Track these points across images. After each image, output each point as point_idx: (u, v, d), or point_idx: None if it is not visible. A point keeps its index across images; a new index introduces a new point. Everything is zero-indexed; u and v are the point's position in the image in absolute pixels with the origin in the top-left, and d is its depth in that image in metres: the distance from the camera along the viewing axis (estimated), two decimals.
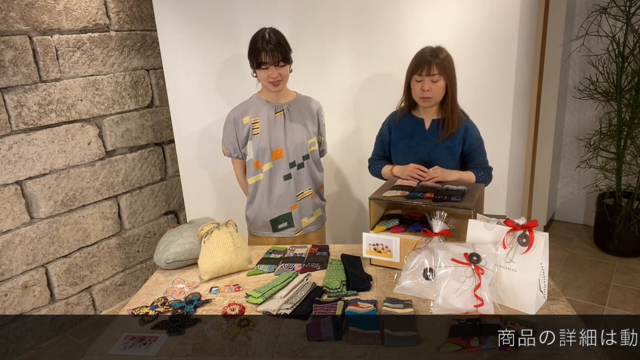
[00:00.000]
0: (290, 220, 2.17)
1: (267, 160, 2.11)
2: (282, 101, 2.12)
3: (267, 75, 1.99)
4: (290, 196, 2.15)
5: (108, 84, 3.00)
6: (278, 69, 1.98)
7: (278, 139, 2.09)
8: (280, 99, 2.11)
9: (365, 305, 1.46)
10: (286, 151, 2.10)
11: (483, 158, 2.04)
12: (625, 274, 3.36)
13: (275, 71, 1.98)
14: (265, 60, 1.95)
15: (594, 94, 3.57)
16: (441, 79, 1.90)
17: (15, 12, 2.52)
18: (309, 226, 2.21)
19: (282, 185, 2.13)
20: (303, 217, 2.19)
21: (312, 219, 2.22)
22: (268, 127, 2.08)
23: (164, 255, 1.84)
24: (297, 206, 2.17)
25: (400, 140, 2.07)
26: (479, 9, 2.34)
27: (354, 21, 2.60)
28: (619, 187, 3.59)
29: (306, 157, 2.14)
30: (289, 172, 2.12)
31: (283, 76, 2.01)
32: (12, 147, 2.59)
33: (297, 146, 2.11)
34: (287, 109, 2.11)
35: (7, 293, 2.66)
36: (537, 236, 1.40)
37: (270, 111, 2.10)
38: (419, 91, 1.92)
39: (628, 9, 3.23)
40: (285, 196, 2.14)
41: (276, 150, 2.09)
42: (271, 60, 1.95)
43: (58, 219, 2.84)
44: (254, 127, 2.09)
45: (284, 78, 2.03)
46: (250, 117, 2.10)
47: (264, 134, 2.08)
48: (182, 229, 1.95)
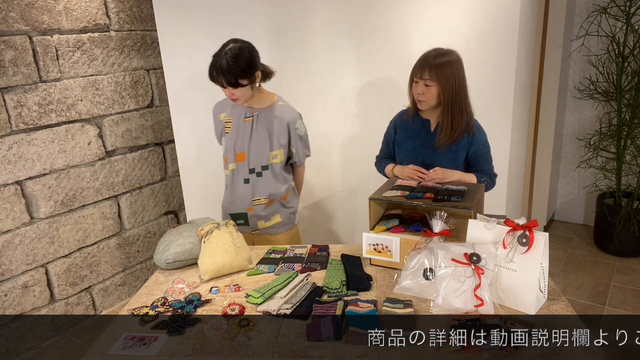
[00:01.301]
0: (246, 219, 2.21)
1: (231, 160, 2.16)
2: (256, 106, 2.11)
3: (225, 91, 2.01)
4: (247, 199, 2.18)
5: (108, 84, 3.00)
6: (230, 89, 1.98)
7: (243, 143, 2.12)
8: (255, 103, 2.11)
9: (365, 305, 1.46)
10: (248, 157, 2.13)
11: (488, 164, 2.01)
12: (625, 274, 3.36)
13: (228, 91, 1.99)
14: (217, 82, 1.98)
15: (594, 94, 3.58)
16: (434, 85, 1.84)
17: (15, 12, 2.52)
18: (266, 228, 2.23)
19: (242, 187, 2.18)
20: (259, 220, 2.21)
21: (270, 222, 2.23)
22: (237, 129, 2.12)
23: (164, 255, 1.84)
24: (252, 209, 2.20)
25: (406, 140, 2.06)
26: (479, 9, 2.33)
27: (356, 23, 2.60)
28: (619, 187, 3.59)
29: (265, 167, 2.14)
30: (249, 177, 2.16)
31: (238, 96, 2.00)
32: (12, 147, 2.59)
33: (258, 155, 2.12)
34: (257, 115, 2.11)
35: (7, 293, 2.66)
36: (537, 236, 1.40)
37: (242, 114, 2.12)
38: (415, 93, 1.92)
39: (628, 9, 3.23)
40: (243, 197, 2.18)
41: (239, 154, 2.14)
42: (220, 84, 1.97)
43: (58, 219, 2.84)
44: (227, 125, 2.14)
45: (240, 97, 2.01)
46: (226, 114, 2.14)
47: (232, 135, 2.13)
48: (182, 229, 1.95)
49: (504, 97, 2.41)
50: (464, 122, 1.92)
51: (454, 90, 1.86)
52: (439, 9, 2.41)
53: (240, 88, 1.98)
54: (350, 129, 2.80)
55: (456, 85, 1.86)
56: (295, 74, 2.77)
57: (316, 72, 2.74)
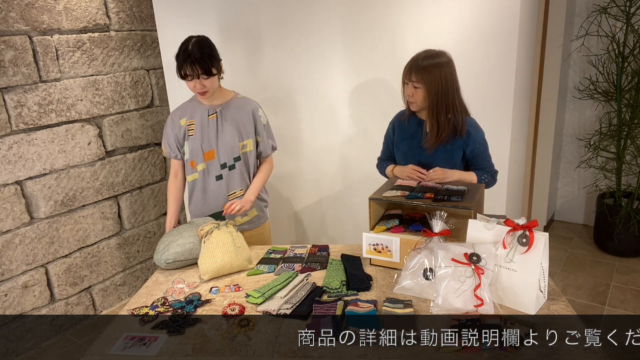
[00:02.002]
0: (222, 218, 2.20)
1: (200, 161, 2.16)
2: (216, 103, 2.15)
3: (192, 86, 2.02)
4: (222, 196, 2.19)
5: (108, 84, 3.00)
6: (202, 80, 2.00)
7: (210, 141, 2.13)
8: (215, 100, 2.14)
9: (365, 305, 1.46)
10: (217, 152, 2.14)
11: (487, 162, 2.01)
12: (625, 274, 3.36)
13: (199, 83, 2.00)
14: (187, 72, 1.98)
15: (594, 94, 3.58)
16: (421, 87, 1.86)
17: (15, 12, 2.52)
18: (243, 224, 2.24)
19: (215, 185, 2.18)
20: (236, 217, 2.21)
21: (246, 218, 2.24)
22: (202, 128, 2.13)
23: (164, 255, 1.84)
24: None
25: (403, 140, 2.07)
26: (479, 9, 2.34)
27: (353, 23, 2.60)
28: (619, 187, 3.59)
29: (237, 158, 2.16)
30: (221, 172, 2.17)
31: (208, 87, 2.03)
32: (12, 147, 2.59)
33: (228, 148, 2.14)
34: (220, 111, 2.13)
35: (7, 293, 2.66)
36: (537, 236, 1.40)
37: (204, 113, 2.14)
38: (405, 95, 1.94)
39: (628, 9, 3.23)
40: (217, 195, 2.19)
41: (208, 152, 2.14)
42: (192, 74, 1.97)
43: (58, 219, 2.84)
44: (189, 128, 2.14)
45: (210, 88, 2.04)
46: (186, 118, 2.15)
47: (197, 136, 2.13)
48: (182, 229, 1.95)
49: (504, 97, 2.41)
50: (451, 124, 1.92)
51: (441, 92, 1.87)
52: (439, 9, 2.41)
53: (212, 78, 2.01)
54: (348, 129, 2.80)
55: (443, 87, 1.86)
56: (291, 75, 2.77)
57: (312, 73, 2.74)
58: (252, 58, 2.83)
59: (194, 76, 1.98)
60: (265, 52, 2.81)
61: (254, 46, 2.78)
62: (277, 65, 2.81)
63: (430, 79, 1.85)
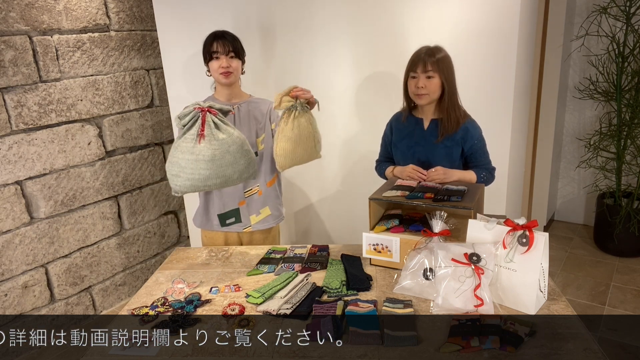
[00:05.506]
0: (237, 216, 2.21)
1: None
2: (234, 101, 2.17)
3: (218, 65, 2.05)
4: (238, 192, 2.18)
5: (108, 84, 3.00)
6: (229, 59, 2.05)
7: None
8: (233, 98, 2.17)
9: (365, 305, 1.46)
10: None
11: (485, 159, 2.02)
12: (625, 274, 3.36)
13: (226, 61, 2.05)
14: (216, 49, 2.04)
15: (594, 94, 3.58)
16: (436, 76, 1.90)
17: (15, 12, 2.52)
18: (257, 224, 2.24)
19: None
20: (251, 214, 2.22)
21: (261, 216, 2.24)
22: None
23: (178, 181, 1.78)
24: (245, 202, 2.21)
25: (401, 140, 2.07)
26: (479, 9, 2.34)
27: (355, 22, 2.60)
28: (619, 187, 3.59)
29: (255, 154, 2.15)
30: None
31: (234, 68, 2.07)
32: (12, 147, 2.59)
33: None
34: (238, 107, 2.16)
35: (7, 293, 2.66)
36: (537, 236, 1.40)
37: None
38: (414, 88, 1.93)
39: (628, 9, 3.23)
40: (233, 192, 2.18)
41: None
42: (222, 50, 2.04)
43: (58, 219, 2.84)
44: None
45: (235, 71, 2.09)
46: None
47: None
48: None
49: (504, 97, 2.41)
50: (461, 113, 1.99)
51: (452, 81, 1.95)
52: (439, 8, 2.41)
53: (238, 61, 2.09)
54: (349, 128, 2.80)
55: (453, 77, 1.95)
56: (295, 73, 2.77)
57: (315, 71, 2.74)
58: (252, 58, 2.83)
59: (223, 52, 2.03)
60: (265, 52, 2.81)
61: (254, 46, 2.78)
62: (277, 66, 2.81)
63: (445, 67, 1.91)
